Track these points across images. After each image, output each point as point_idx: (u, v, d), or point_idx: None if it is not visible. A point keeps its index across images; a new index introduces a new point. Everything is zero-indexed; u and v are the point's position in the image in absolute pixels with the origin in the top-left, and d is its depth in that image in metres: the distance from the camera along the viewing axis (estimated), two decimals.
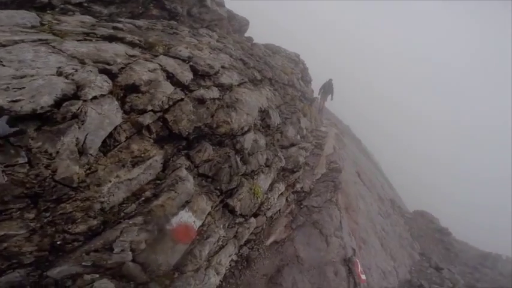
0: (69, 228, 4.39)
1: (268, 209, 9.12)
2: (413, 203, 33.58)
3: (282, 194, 10.38)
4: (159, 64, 6.50)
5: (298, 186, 11.59)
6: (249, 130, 8.29)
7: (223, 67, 9.46)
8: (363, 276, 10.00)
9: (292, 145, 11.55)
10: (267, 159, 9.12)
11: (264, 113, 10.03)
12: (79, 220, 4.53)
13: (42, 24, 6.09)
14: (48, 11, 7.01)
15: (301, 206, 11.44)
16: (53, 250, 4.13)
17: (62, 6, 7.26)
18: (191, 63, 7.84)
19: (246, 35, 17.64)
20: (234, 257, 7.96)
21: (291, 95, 15.57)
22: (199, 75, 7.84)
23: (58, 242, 4.23)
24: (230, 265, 7.84)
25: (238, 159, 7.67)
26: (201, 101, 7.21)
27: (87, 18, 7.37)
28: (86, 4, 7.80)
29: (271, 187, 9.50)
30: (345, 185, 14.13)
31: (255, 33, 17.61)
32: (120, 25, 7.60)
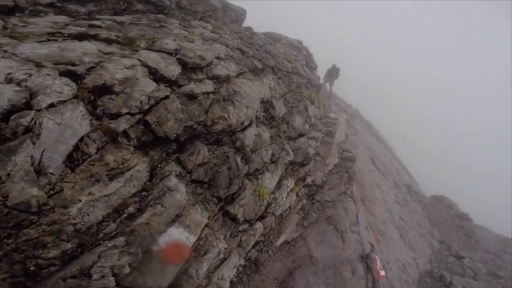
0: (40, 254, 3.64)
1: (277, 208, 8.22)
2: (431, 186, 32.07)
3: (291, 190, 9.45)
4: (138, 59, 5.57)
5: (309, 179, 10.60)
6: (250, 124, 7.32)
7: (218, 58, 8.46)
8: (382, 273, 9.04)
9: (301, 135, 10.50)
10: (273, 154, 8.15)
11: (267, 104, 9.02)
12: (50, 245, 3.76)
13: (5, 28, 5.26)
14: (17, 14, 6.18)
15: (314, 201, 10.48)
16: (29, 276, 3.65)
17: (32, 8, 6.39)
18: (179, 55, 6.87)
19: (245, 25, 16.47)
20: (242, 261, 7.15)
21: (296, 83, 14.41)
22: (190, 68, 6.88)
23: (31, 268, 3.54)
24: (238, 270, 7.04)
25: (238, 159, 6.74)
26: (191, 97, 6.26)
27: (61, 18, 6.48)
28: (59, 4, 6.91)
29: (279, 184, 8.56)
30: (359, 174, 13.03)
31: (257, 24, 16.43)
32: (98, 22, 6.68)
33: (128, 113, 4.70)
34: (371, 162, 17.32)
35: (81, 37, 5.45)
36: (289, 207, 9.15)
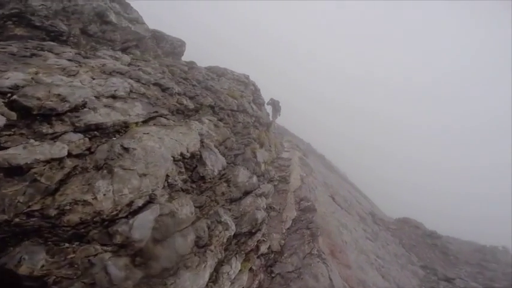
0: None
1: None
2: (390, 205, 30.73)
3: (240, 270, 6.22)
4: None
5: (263, 247, 7.48)
6: (147, 204, 4.08)
7: (113, 96, 5.38)
8: None
9: (247, 193, 7.49)
10: (199, 237, 4.93)
11: (192, 160, 5.94)
12: None
13: None
14: None
15: (273, 275, 7.29)
16: None
17: None
18: (16, 96, 3.66)
19: (188, 59, 13.76)
20: None
21: (243, 123, 11.69)
22: (35, 115, 3.67)
23: None
24: None
25: (114, 266, 3.42)
26: (15, 171, 3.00)
27: None
28: None
29: (215, 275, 5.28)
30: (322, 221, 10.20)
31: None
32: None
33: None
34: (331, 200, 14.74)
35: None
36: None
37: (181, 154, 5.39)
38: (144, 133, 5.00)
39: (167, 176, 4.77)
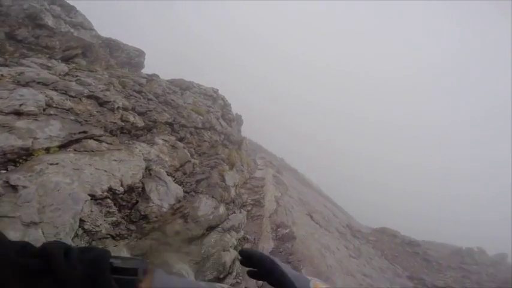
0: None
1: None
2: (364, 211, 30.18)
3: None
4: None
5: None
6: None
7: (17, 113, 3.68)
8: None
9: (211, 229, 5.86)
10: None
11: (131, 195, 4.29)
12: None
13: None
14: None
15: None
16: None
17: None
18: None
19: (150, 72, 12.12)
20: None
21: (209, 142, 10.18)
22: None
23: None
24: None
25: None
26: None
27: None
28: None
29: None
30: (303, 247, 8.73)
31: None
32: None
33: None
34: (309, 219, 13.37)
35: None
36: None
37: (110, 189, 3.74)
38: (51, 163, 3.32)
39: (82, 221, 3.11)
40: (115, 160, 4.25)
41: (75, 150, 3.94)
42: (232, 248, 5.73)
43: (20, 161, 3.36)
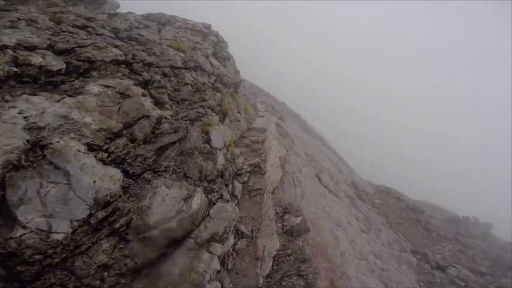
0: None
1: None
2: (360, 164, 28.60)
3: None
4: None
5: None
6: None
7: None
8: None
9: (173, 245, 3.31)
10: None
11: None
12: None
13: None
14: None
15: None
16: None
17: None
18: None
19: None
20: None
21: (193, 85, 7.17)
22: None
23: None
24: None
25: None
26: None
27: None
28: None
29: None
30: (316, 233, 6.55)
31: None
32: None
33: None
34: (318, 182, 11.17)
35: None
36: None
37: None
38: None
39: None
40: None
41: None
42: (213, 280, 3.30)
43: None
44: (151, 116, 4.30)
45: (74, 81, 3.87)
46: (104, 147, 3.23)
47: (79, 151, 2.87)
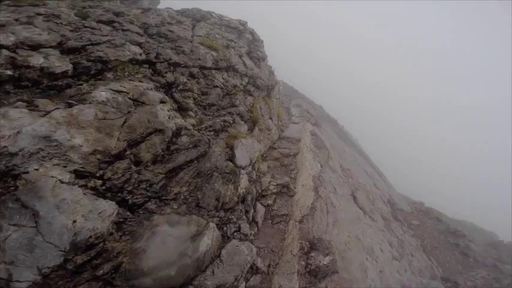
0: None
1: None
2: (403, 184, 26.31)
3: None
4: None
5: None
6: None
7: None
8: None
9: None
10: None
11: None
12: None
13: None
14: None
15: None
16: None
17: None
18: None
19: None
20: None
21: (223, 88, 6.54)
22: None
23: None
24: None
25: None
26: None
27: None
28: None
29: None
30: (343, 267, 5.59)
31: None
32: None
33: None
34: (353, 202, 10.07)
35: None
36: None
37: None
38: None
39: None
40: None
41: None
42: None
43: None
44: (166, 129, 3.65)
45: (82, 84, 3.34)
46: (98, 174, 2.62)
47: (61, 182, 2.28)
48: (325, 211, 6.29)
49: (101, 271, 2.33)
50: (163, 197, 3.24)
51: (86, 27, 4.19)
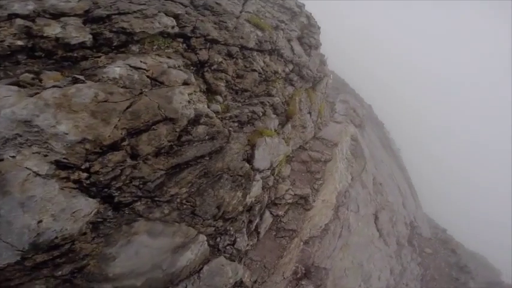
0: None
1: None
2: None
3: None
4: None
5: None
6: None
7: None
8: None
9: None
10: None
11: None
12: None
13: None
14: None
15: None
16: None
17: None
18: None
19: None
20: None
21: (261, 73, 5.96)
22: None
23: None
24: None
25: None
26: None
27: None
28: None
29: None
30: None
31: None
32: None
33: None
34: (373, 222, 9.37)
35: None
36: None
37: None
38: None
39: None
40: None
41: None
42: None
43: None
44: (180, 117, 3.25)
45: (100, 57, 3.01)
46: (84, 166, 2.33)
47: (36, 174, 2.02)
48: (338, 235, 5.72)
49: (60, 272, 2.13)
50: (156, 198, 2.93)
51: None
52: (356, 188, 8.19)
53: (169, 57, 3.77)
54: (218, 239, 3.56)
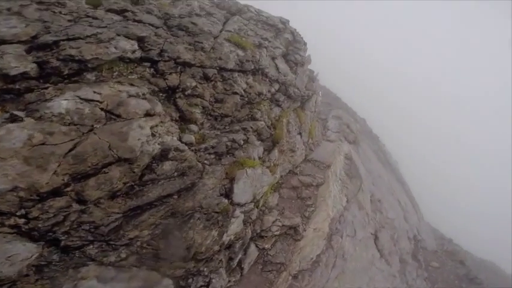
0: None
1: None
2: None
3: None
4: None
5: None
6: None
7: None
8: None
9: None
10: None
11: None
12: None
13: None
14: None
15: None
16: None
17: None
18: None
19: None
20: None
21: (244, 95, 5.72)
22: None
23: None
24: None
25: None
26: None
27: None
28: None
29: None
30: None
31: None
32: None
33: None
34: (372, 243, 8.93)
35: None
36: None
37: None
38: None
39: None
40: None
41: None
42: None
43: None
44: (139, 156, 2.92)
45: (47, 88, 2.72)
46: (19, 213, 1.99)
47: None
48: (331, 266, 5.24)
49: None
50: (112, 242, 2.55)
51: (88, 16, 3.59)
52: (352, 210, 7.75)
53: (132, 85, 3.50)
54: (190, 280, 3.14)
